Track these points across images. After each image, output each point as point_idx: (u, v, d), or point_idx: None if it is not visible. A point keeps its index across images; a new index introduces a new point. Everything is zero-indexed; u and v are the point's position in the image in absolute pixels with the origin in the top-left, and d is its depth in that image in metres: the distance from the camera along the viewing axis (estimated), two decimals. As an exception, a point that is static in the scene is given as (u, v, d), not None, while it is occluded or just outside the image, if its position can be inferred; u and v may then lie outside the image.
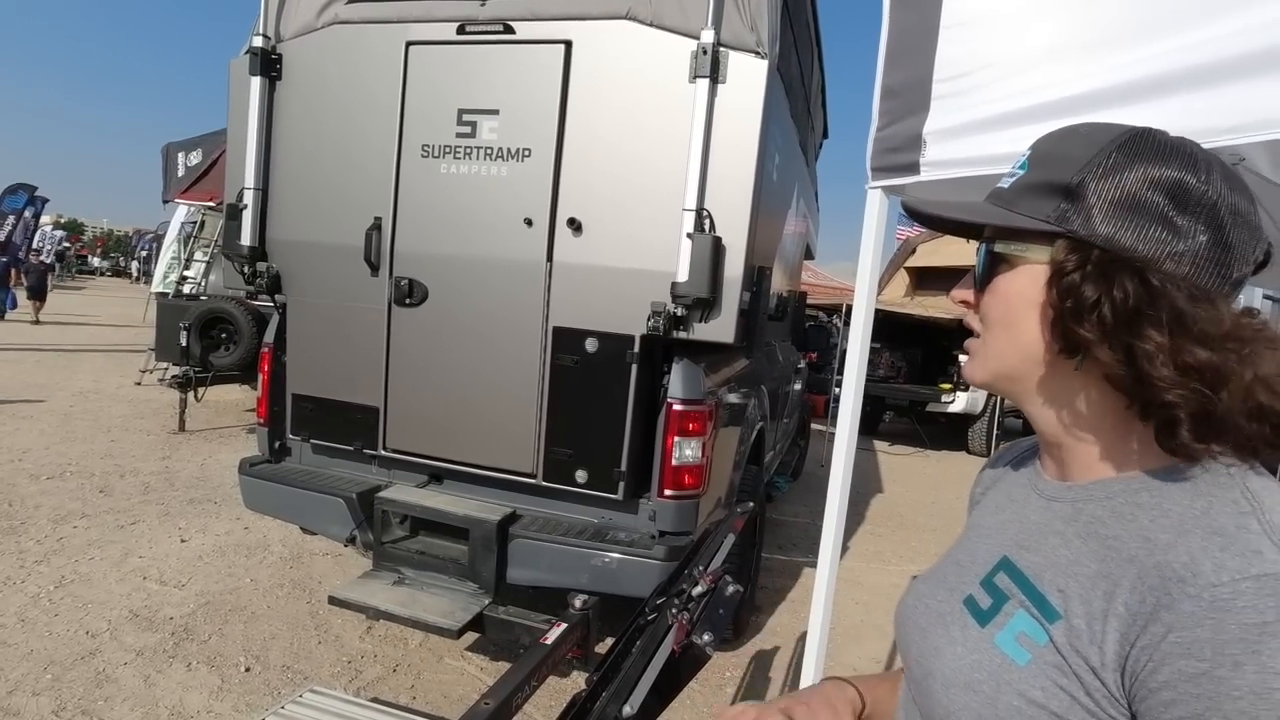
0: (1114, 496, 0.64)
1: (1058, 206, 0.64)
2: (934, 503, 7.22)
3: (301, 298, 3.19)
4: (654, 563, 2.73)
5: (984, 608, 0.69)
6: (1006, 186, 0.69)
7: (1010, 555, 0.70)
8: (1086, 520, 0.65)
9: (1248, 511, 0.57)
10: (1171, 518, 0.59)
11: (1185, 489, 0.61)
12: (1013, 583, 0.68)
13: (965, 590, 0.73)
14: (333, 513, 3.07)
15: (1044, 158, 0.68)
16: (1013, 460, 0.87)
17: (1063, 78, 1.33)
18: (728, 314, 2.65)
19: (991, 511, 0.81)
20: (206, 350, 6.94)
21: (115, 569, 3.83)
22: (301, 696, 2.23)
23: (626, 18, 2.66)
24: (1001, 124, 1.39)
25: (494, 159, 2.81)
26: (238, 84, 3.09)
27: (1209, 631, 0.52)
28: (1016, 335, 0.69)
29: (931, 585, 0.80)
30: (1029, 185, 0.67)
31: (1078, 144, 0.66)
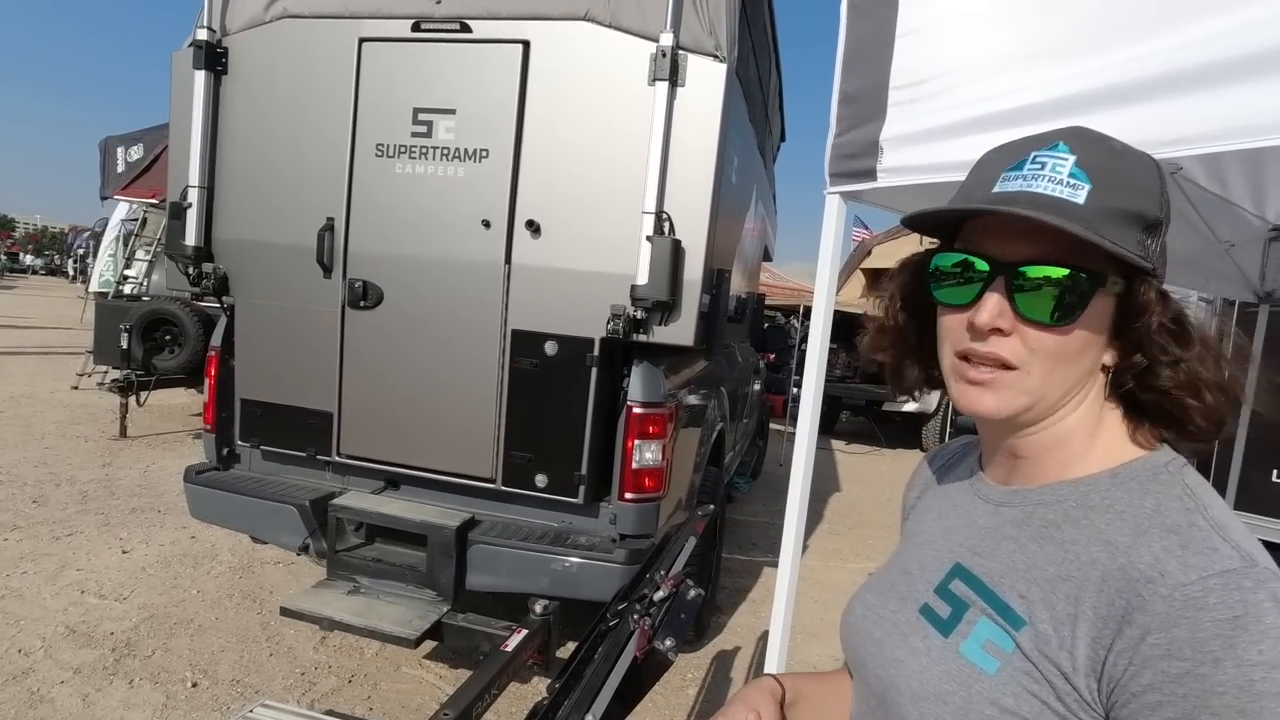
0: (1064, 500, 0.66)
1: (1139, 239, 0.62)
2: (890, 500, 7.36)
3: (250, 300, 3.09)
4: (615, 566, 2.72)
5: (944, 616, 0.69)
6: (1082, 203, 0.61)
7: (963, 561, 0.71)
8: (1040, 524, 0.66)
9: (1193, 508, 0.60)
10: (1126, 519, 0.61)
11: (1131, 489, 0.63)
12: (970, 590, 0.68)
13: (919, 599, 0.73)
14: (284, 521, 2.98)
15: (1109, 177, 0.62)
16: (944, 465, 0.89)
17: (1014, 86, 1.36)
18: (687, 317, 2.65)
19: (934, 518, 0.81)
20: (149, 353, 6.69)
21: (50, 583, 3.66)
22: (251, 711, 2.15)
23: (585, 19, 2.64)
24: (956, 131, 1.42)
25: (451, 159, 2.77)
26: (181, 77, 2.98)
27: (1185, 631, 0.54)
28: (1075, 368, 0.65)
29: (880, 595, 0.79)
30: (1109, 210, 0.61)
31: (1137, 168, 0.64)
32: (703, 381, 3.54)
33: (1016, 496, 0.70)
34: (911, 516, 0.89)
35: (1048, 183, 0.62)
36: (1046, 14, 1.37)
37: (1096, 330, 0.64)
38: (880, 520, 6.56)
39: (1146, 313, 0.62)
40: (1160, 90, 1.21)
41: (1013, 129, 1.40)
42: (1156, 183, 0.63)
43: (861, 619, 0.80)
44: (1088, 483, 0.65)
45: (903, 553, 0.82)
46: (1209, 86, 1.13)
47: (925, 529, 0.81)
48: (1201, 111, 1.13)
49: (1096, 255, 0.61)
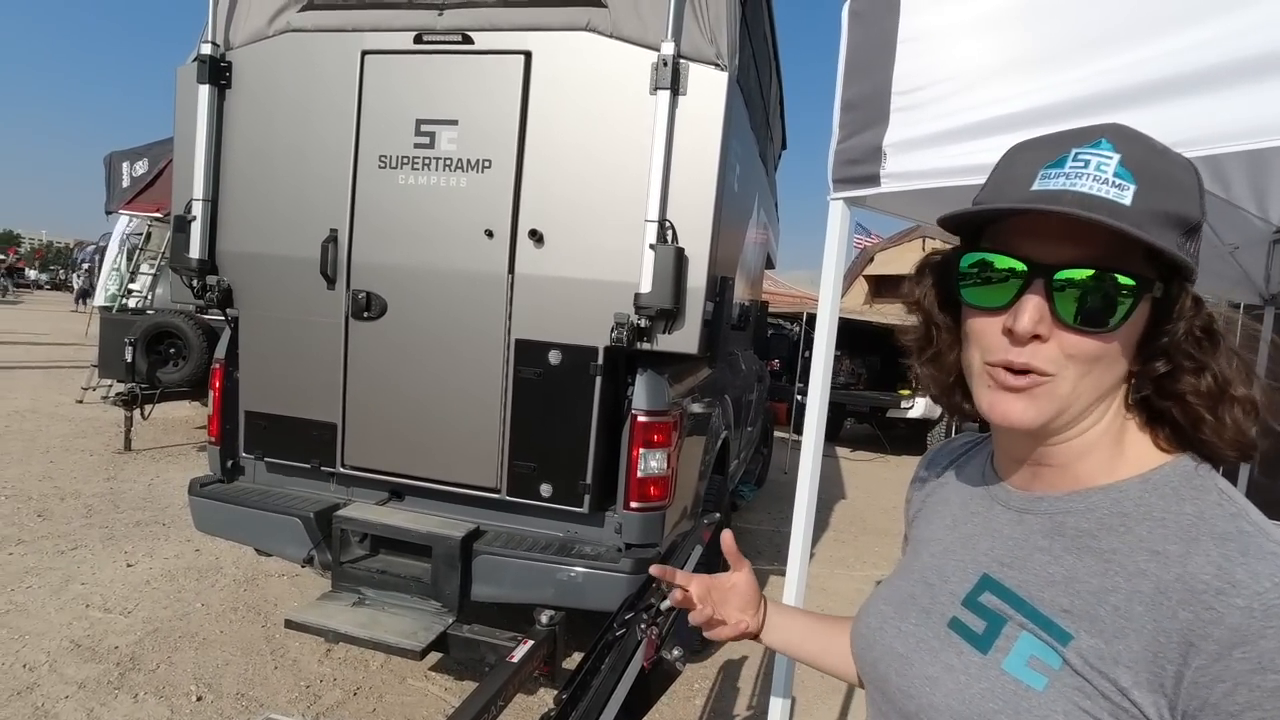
0: (1096, 508, 0.64)
1: (1179, 243, 0.59)
2: (895, 507, 7.32)
3: (254, 312, 3.09)
4: (620, 576, 2.70)
5: (978, 631, 0.67)
6: (1129, 205, 0.58)
7: (992, 573, 0.68)
8: (1073, 534, 0.64)
9: (1236, 513, 0.58)
10: (1169, 526, 0.59)
11: (1166, 494, 0.62)
12: (1004, 603, 0.66)
13: (946, 612, 0.70)
14: (289, 533, 2.98)
15: (1153, 178, 0.59)
16: (950, 465, 0.85)
17: (1016, 91, 1.36)
18: (691, 324, 2.65)
19: (948, 525, 0.78)
20: (154, 366, 6.70)
21: (55, 597, 3.65)
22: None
23: (586, 29, 2.65)
24: (959, 136, 1.41)
25: (454, 170, 2.78)
26: (185, 92, 2.99)
27: (1274, 641, 0.52)
28: (1109, 375, 0.63)
29: (898, 608, 0.77)
30: (1154, 212, 0.58)
31: (1177, 169, 0.61)
32: (707, 389, 3.53)
33: (1041, 504, 0.68)
34: (918, 520, 0.86)
35: (1093, 182, 0.59)
36: (1048, 18, 1.37)
37: (1134, 335, 0.62)
38: (886, 527, 6.53)
39: (1180, 318, 0.61)
40: (1162, 93, 1.20)
41: (1015, 133, 1.40)
42: (1196, 185, 0.61)
43: (879, 632, 0.77)
44: (1118, 489, 0.64)
45: (917, 561, 0.80)
46: (1210, 89, 1.12)
47: (940, 536, 0.78)
48: (1203, 114, 1.13)
49: (1135, 259, 0.59)
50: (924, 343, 0.77)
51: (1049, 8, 1.33)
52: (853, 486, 8.16)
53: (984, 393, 0.66)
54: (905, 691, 0.71)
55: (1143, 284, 0.59)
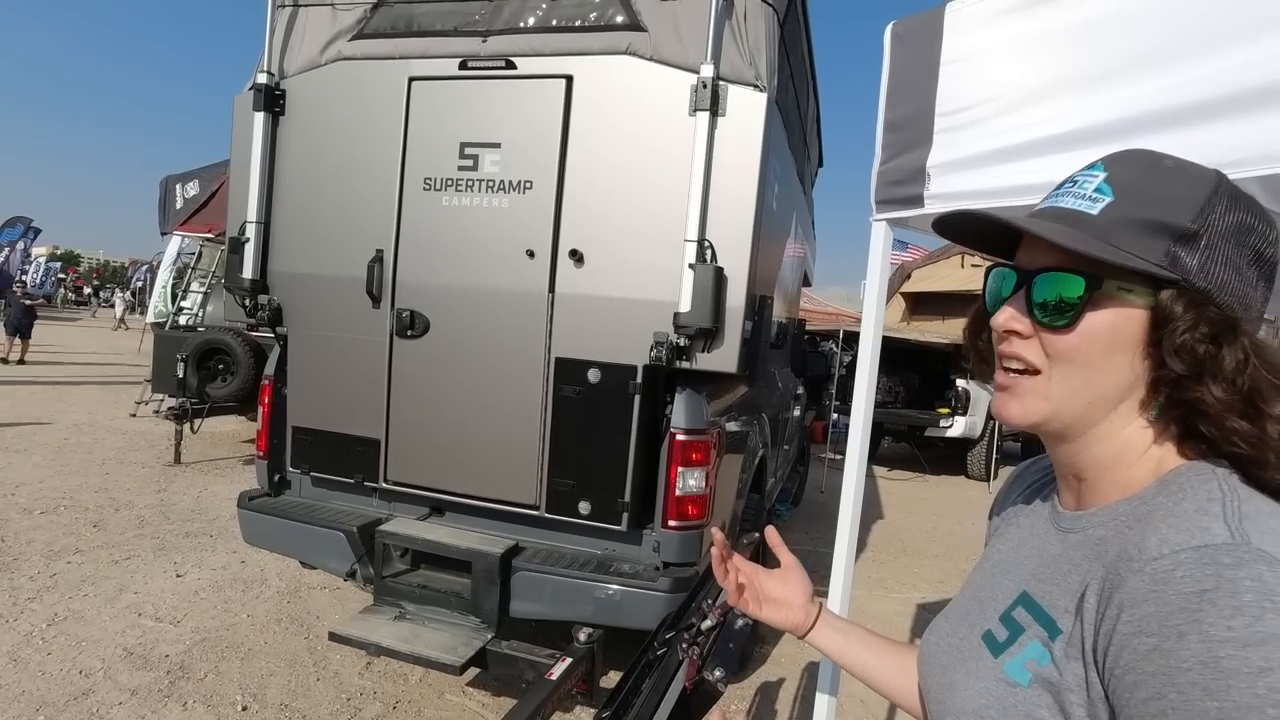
0: (1118, 517, 0.65)
1: (1168, 250, 0.61)
2: (935, 528, 7.19)
3: (303, 330, 3.18)
4: (659, 594, 2.70)
5: (1000, 640, 0.69)
6: (1095, 214, 0.63)
7: (1029, 589, 0.70)
8: (1094, 543, 0.66)
9: (1215, 499, 0.58)
10: (1154, 518, 0.60)
11: (1172, 491, 0.62)
12: (1030, 614, 0.68)
13: (985, 626, 0.73)
14: (333, 547, 3.04)
15: (1137, 190, 0.63)
16: (1029, 490, 0.86)
17: (1063, 112, 1.35)
18: (730, 343, 2.65)
19: (1013, 546, 0.80)
20: (203, 381, 6.91)
21: (109, 605, 3.77)
22: (302, 737, 2.18)
23: (627, 53, 2.70)
24: (1004, 157, 1.41)
25: (496, 191, 2.84)
26: (241, 119, 3.12)
27: (1153, 605, 0.53)
28: (1099, 377, 0.65)
29: (954, 623, 0.79)
30: (1129, 220, 0.62)
31: (1178, 181, 0.63)
32: (745, 408, 3.52)
33: (1081, 521, 0.70)
34: (994, 539, 0.87)
35: (1072, 198, 0.66)
36: (1092, 38, 1.36)
37: (1121, 338, 0.63)
38: (925, 549, 6.40)
39: (1169, 324, 0.61)
40: (1210, 113, 1.19)
41: (1060, 154, 1.39)
42: (1199, 195, 0.62)
43: (935, 648, 0.79)
44: (1139, 497, 0.65)
45: (980, 579, 0.82)
46: (1259, 109, 1.11)
47: (1003, 556, 0.80)
48: (1254, 134, 1.11)
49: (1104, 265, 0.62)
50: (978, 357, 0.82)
51: (1094, 29, 1.32)
52: (891, 506, 8.02)
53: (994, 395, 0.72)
54: (937, 698, 0.74)
55: (1091, 281, 0.63)
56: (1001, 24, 1.44)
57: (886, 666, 0.97)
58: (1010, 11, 1.42)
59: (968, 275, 12.86)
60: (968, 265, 12.53)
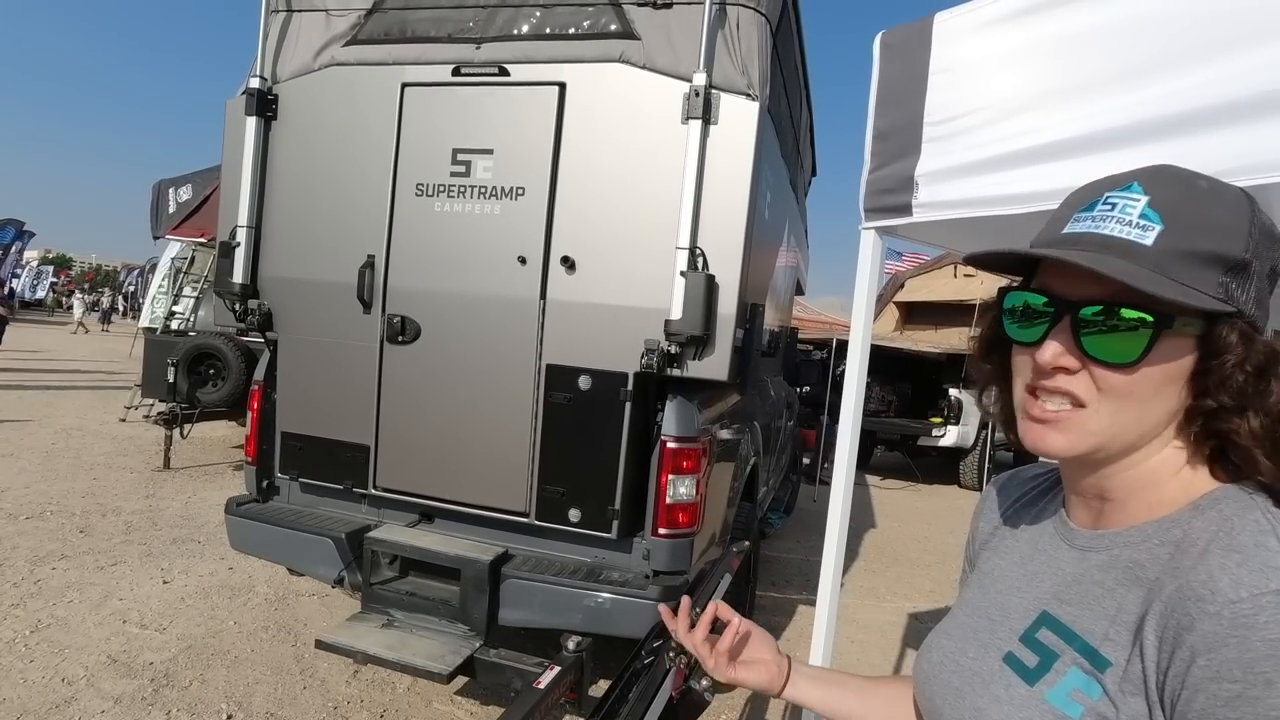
0: (1149, 539, 0.64)
1: (1220, 281, 0.60)
2: (927, 537, 7.19)
3: (293, 335, 3.17)
4: (648, 603, 2.68)
5: (1030, 666, 0.67)
6: (1149, 245, 0.60)
7: (1051, 610, 0.69)
8: (1125, 566, 0.64)
9: (1267, 530, 0.57)
10: (1198, 545, 0.59)
11: (1211, 517, 0.61)
12: (1060, 639, 0.66)
13: (1003, 647, 0.71)
14: (321, 553, 3.01)
15: (1185, 218, 0.61)
16: (1022, 499, 0.85)
17: (1052, 122, 1.36)
18: (721, 351, 2.65)
19: (1016, 561, 0.78)
20: (194, 386, 6.87)
21: (94, 612, 3.73)
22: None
23: (620, 61, 2.71)
24: (993, 166, 1.42)
25: (488, 197, 2.84)
26: (233, 123, 3.11)
27: (1235, 651, 0.52)
28: (1150, 409, 0.63)
29: (959, 642, 0.77)
30: (1183, 252, 0.60)
31: (1220, 207, 0.62)
32: (736, 416, 3.52)
33: (1102, 541, 0.68)
34: (985, 551, 0.85)
35: (1116, 224, 0.62)
36: (1080, 49, 1.37)
37: (1172, 371, 0.62)
38: (918, 558, 6.40)
39: (1222, 355, 0.60)
40: (1198, 123, 1.20)
41: (1048, 163, 1.40)
42: (1243, 223, 0.61)
43: (939, 667, 0.77)
44: (1171, 520, 0.63)
45: (982, 596, 0.80)
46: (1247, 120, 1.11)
47: (1007, 572, 0.78)
48: (1241, 144, 1.12)
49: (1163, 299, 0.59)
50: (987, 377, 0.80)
51: (1083, 39, 1.33)
52: (883, 515, 8.02)
53: (1020, 423, 0.69)
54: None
55: (1161, 321, 0.60)
56: (990, 34, 1.45)
57: (873, 705, 0.93)
58: (999, 21, 1.43)
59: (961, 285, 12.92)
60: (961, 275, 12.59)
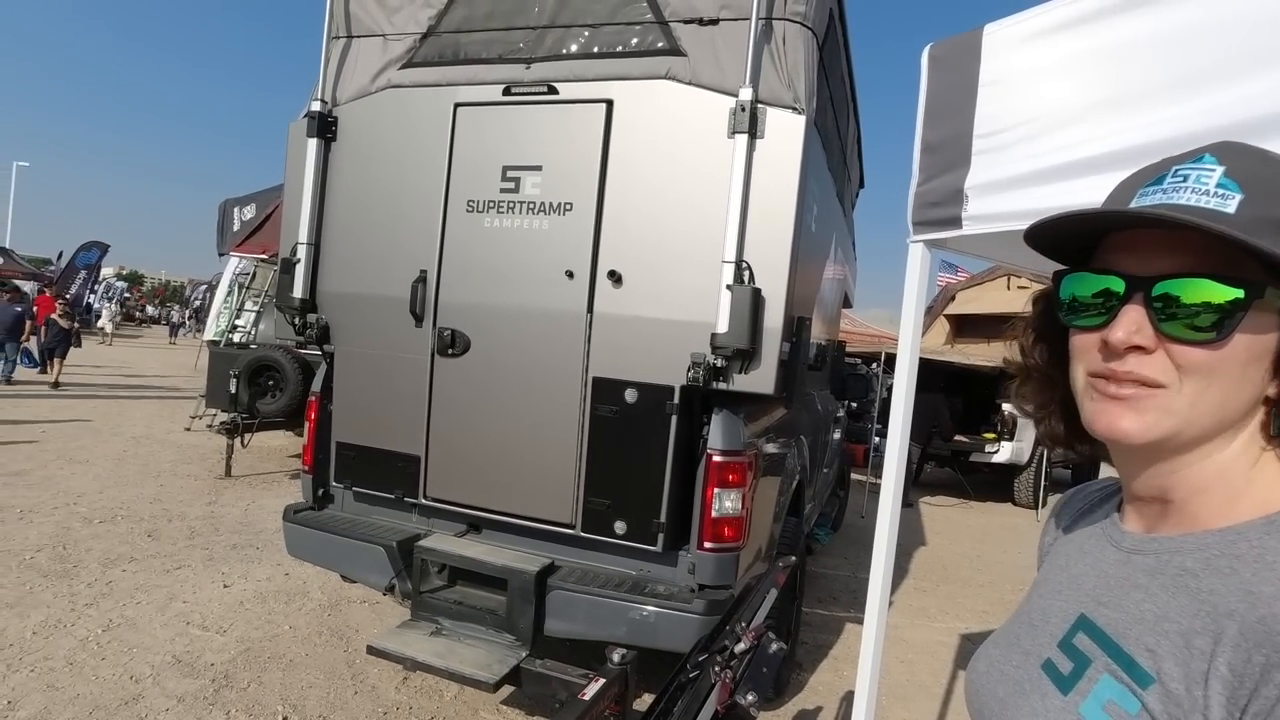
0: (1207, 548, 0.60)
1: None
2: (979, 556, 6.99)
3: (349, 348, 3.27)
4: (693, 617, 2.68)
5: (1065, 673, 0.64)
6: (1233, 213, 0.57)
7: (1088, 612, 0.65)
8: (1174, 573, 0.61)
9: None
10: (1276, 569, 0.55)
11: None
12: (1094, 643, 0.63)
13: (1042, 654, 0.68)
14: (373, 561, 3.09)
15: (1265, 186, 0.58)
16: (1082, 508, 0.83)
17: (1107, 132, 1.33)
18: (768, 365, 2.64)
19: (1061, 565, 0.76)
20: (254, 397, 7.13)
21: (160, 613, 3.89)
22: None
23: (666, 77, 2.74)
24: (1046, 178, 1.39)
25: (536, 213, 2.89)
26: (296, 145, 3.24)
27: None
28: (1235, 391, 0.59)
29: (1005, 649, 0.75)
30: (1268, 219, 0.56)
31: None
32: (782, 430, 3.50)
33: (1153, 544, 0.64)
34: (1044, 563, 0.83)
35: (1191, 194, 0.58)
36: (1135, 58, 1.35)
37: (1258, 349, 0.58)
38: (969, 577, 6.22)
39: None
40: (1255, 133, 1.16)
41: (1104, 174, 1.37)
42: None
43: (986, 675, 0.75)
44: (1237, 530, 0.59)
45: (1030, 601, 0.77)
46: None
47: (1054, 577, 0.76)
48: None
49: (1251, 268, 0.56)
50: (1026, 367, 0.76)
51: (1137, 49, 1.30)
52: (934, 533, 7.82)
53: (1088, 405, 0.64)
54: None
55: (1252, 290, 0.56)
56: (1041, 45, 1.43)
57: None
58: (1050, 32, 1.41)
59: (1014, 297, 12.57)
60: (1014, 287, 12.26)
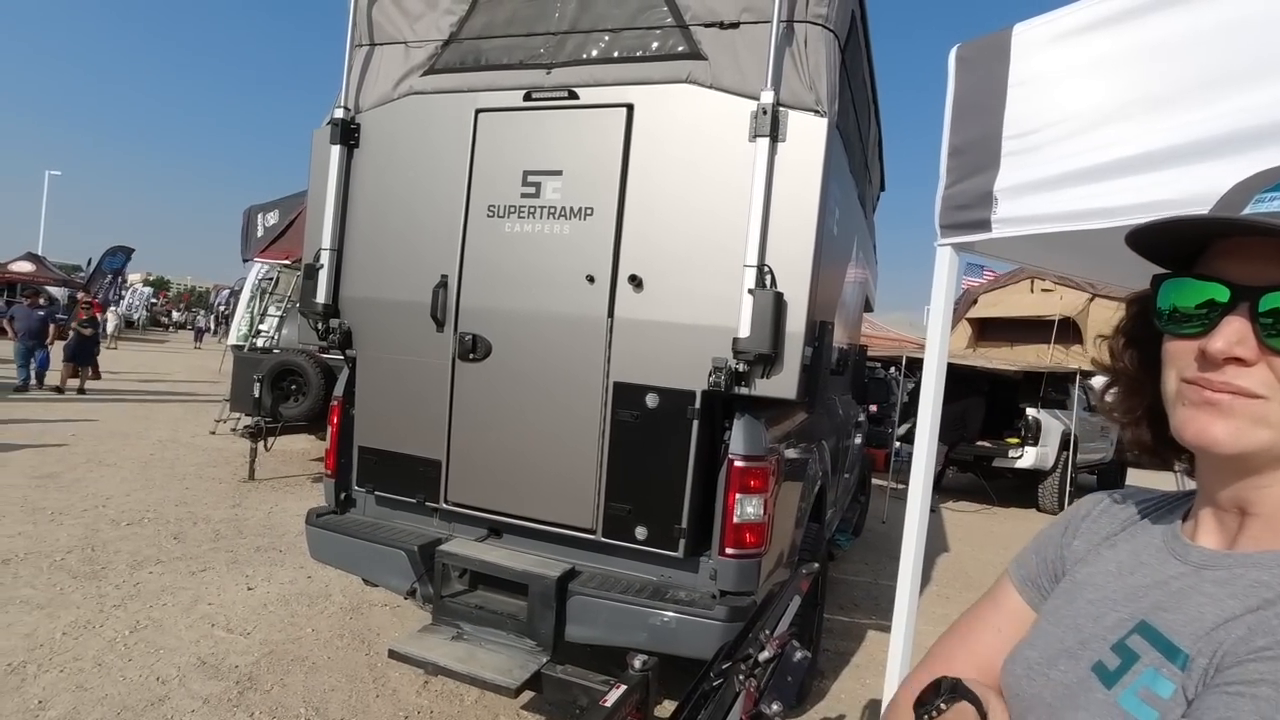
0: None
1: None
2: (1003, 563, 6.76)
3: (371, 353, 3.29)
4: (715, 623, 2.65)
5: (1111, 669, 0.63)
6: None
7: (1149, 619, 0.64)
8: (1248, 584, 0.59)
9: None
10: None
11: None
12: (1147, 642, 0.62)
13: (1094, 657, 0.67)
14: (394, 565, 3.10)
15: None
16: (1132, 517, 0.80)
17: (1141, 132, 1.30)
18: (790, 370, 2.62)
19: (1115, 574, 0.74)
20: (276, 401, 7.21)
21: (185, 615, 3.93)
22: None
23: (687, 81, 2.74)
24: (1077, 179, 1.36)
25: (557, 218, 2.89)
26: (319, 152, 3.28)
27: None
28: None
29: (1047, 654, 0.73)
30: None
31: None
32: (804, 435, 3.47)
33: (1226, 560, 0.62)
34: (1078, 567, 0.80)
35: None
36: (1163, 59, 1.32)
37: None
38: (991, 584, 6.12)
39: None
40: None
41: (1135, 175, 1.34)
42: None
43: (1026, 681, 0.73)
44: None
45: (1069, 606, 0.75)
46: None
47: (1101, 583, 0.74)
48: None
49: None
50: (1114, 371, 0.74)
51: (1171, 48, 1.28)
52: (956, 539, 7.72)
53: (1179, 411, 0.62)
54: None
55: None
56: (1073, 44, 1.41)
57: None
58: (1082, 31, 1.38)
59: (1038, 300, 12.42)
60: (1038, 290, 12.11)
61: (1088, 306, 11.92)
